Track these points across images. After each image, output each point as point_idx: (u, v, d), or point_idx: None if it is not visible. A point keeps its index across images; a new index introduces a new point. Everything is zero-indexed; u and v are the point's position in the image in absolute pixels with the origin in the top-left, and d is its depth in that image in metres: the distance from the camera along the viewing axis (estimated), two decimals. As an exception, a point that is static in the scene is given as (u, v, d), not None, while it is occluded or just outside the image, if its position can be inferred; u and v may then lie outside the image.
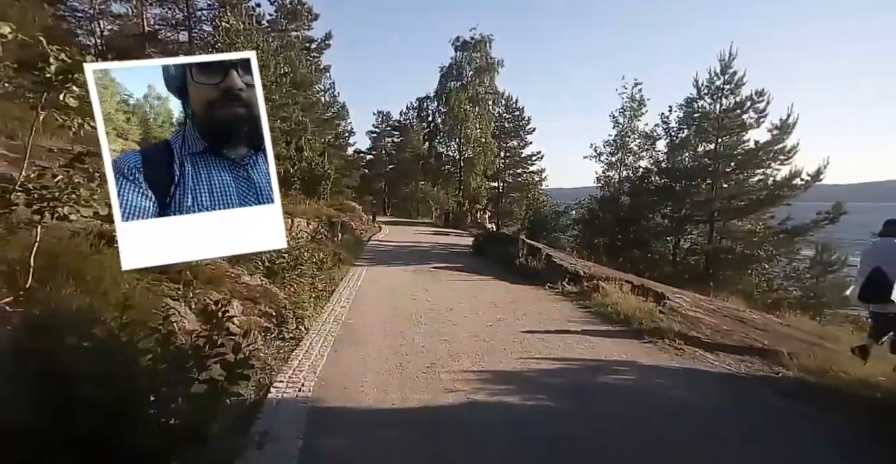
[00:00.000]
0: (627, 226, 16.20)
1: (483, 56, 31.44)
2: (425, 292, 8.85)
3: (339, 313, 6.96)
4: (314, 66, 21.78)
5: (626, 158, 17.96)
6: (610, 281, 9.10)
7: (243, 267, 6.75)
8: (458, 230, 27.47)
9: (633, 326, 6.60)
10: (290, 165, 14.16)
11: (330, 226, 13.42)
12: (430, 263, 13.11)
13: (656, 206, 16.09)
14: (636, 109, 17.94)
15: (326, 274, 9.97)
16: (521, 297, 8.71)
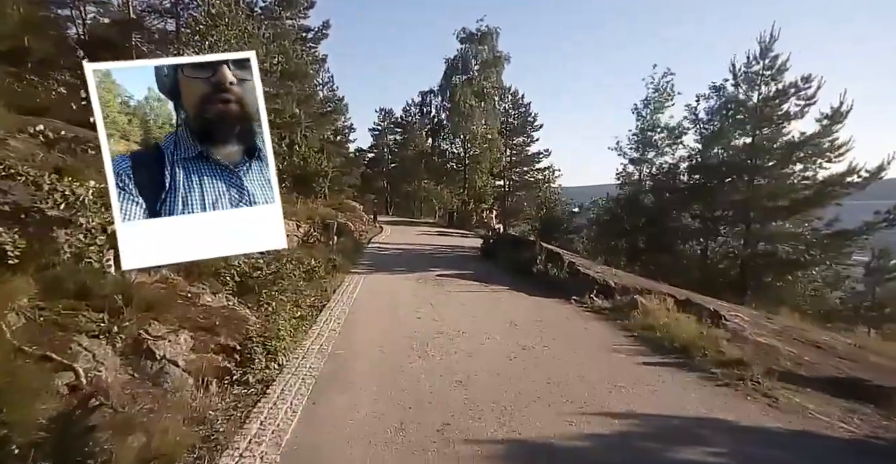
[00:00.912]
0: (652, 227, 14.76)
1: (490, 49, 29.98)
2: (431, 308, 7.51)
3: (326, 340, 5.62)
4: (310, 57, 20.43)
5: (648, 154, 16.55)
6: (648, 294, 7.75)
7: (207, 283, 5.42)
8: (463, 230, 26.13)
9: (695, 358, 5.23)
10: (281, 162, 12.86)
11: (324, 228, 12.11)
12: (435, 269, 11.76)
13: (684, 205, 14.64)
14: (663, 101, 16.49)
15: (317, 285, 8.66)
16: (546, 315, 7.35)
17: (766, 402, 4.19)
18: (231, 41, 12.42)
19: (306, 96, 20.17)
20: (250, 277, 6.07)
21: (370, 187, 42.48)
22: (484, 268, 12.27)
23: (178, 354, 4.03)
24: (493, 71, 30.27)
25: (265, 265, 6.21)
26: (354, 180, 35.48)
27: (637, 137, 16.71)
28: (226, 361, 4.33)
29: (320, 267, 9.43)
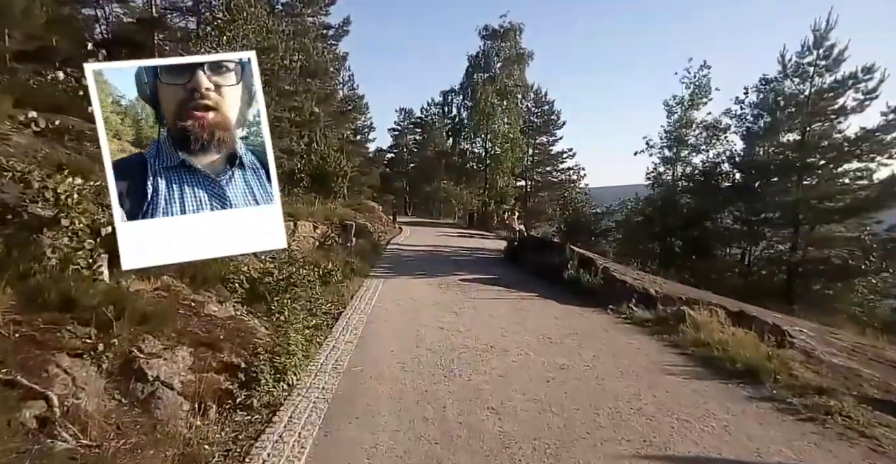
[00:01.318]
0: (689, 230, 13.84)
1: (513, 46, 29.26)
2: (455, 318, 6.92)
3: (341, 354, 5.09)
4: (331, 55, 20.10)
5: (682, 152, 15.58)
6: (695, 305, 7.01)
7: (213, 291, 4.95)
8: (484, 232, 25.47)
9: (765, 383, 4.51)
10: (299, 160, 12.49)
11: (343, 230, 11.67)
12: (458, 273, 11.18)
13: (725, 207, 13.67)
14: (699, 97, 15.51)
15: (334, 290, 8.18)
16: (582, 326, 6.68)
17: (867, 444, 3.46)
18: (249, 36, 12.10)
19: (326, 95, 19.85)
20: (261, 283, 5.59)
21: (389, 188, 42.22)
22: (509, 272, 11.62)
23: (174, 374, 3.54)
24: (515, 68, 29.57)
25: (277, 270, 5.72)
26: (374, 181, 35.20)
27: (670, 134, 15.80)
28: (228, 381, 3.83)
29: (337, 271, 8.96)
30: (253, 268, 5.69)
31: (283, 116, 13.59)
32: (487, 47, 29.72)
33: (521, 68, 29.96)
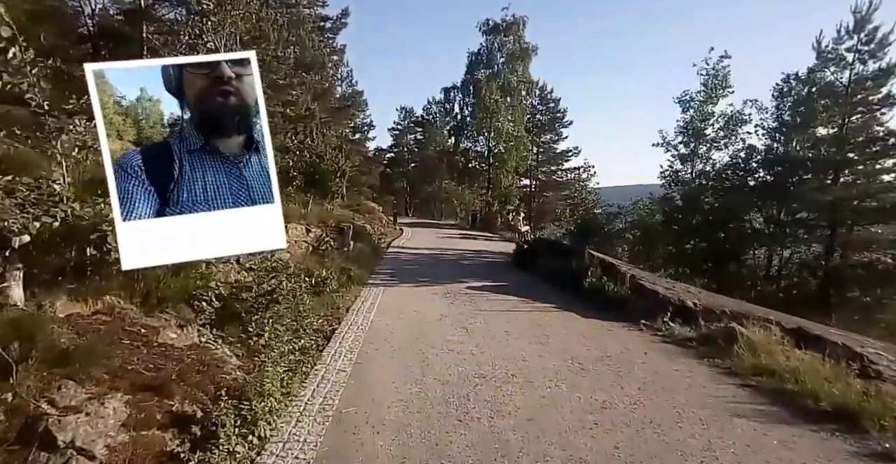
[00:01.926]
0: (713, 232, 12.86)
1: (516, 40, 28.32)
2: (466, 336, 5.98)
3: (331, 389, 4.15)
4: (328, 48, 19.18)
5: (699, 149, 14.60)
6: (743, 320, 6.08)
7: (173, 312, 4.00)
8: (488, 233, 24.54)
9: (868, 431, 3.57)
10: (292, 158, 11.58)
11: (339, 233, 10.74)
12: (465, 279, 10.24)
13: (752, 207, 12.68)
14: (718, 90, 14.53)
15: (328, 301, 7.27)
16: (614, 347, 5.73)
17: None
18: (238, 23, 11.14)
19: (324, 90, 18.91)
20: (237, 299, 4.64)
21: (390, 188, 41.27)
22: (520, 279, 10.68)
23: (99, 435, 2.61)
24: (519, 64, 28.62)
25: (256, 284, 4.78)
26: (374, 181, 34.26)
27: (686, 129, 14.84)
28: (177, 439, 2.89)
29: (332, 279, 8.02)
30: (226, 281, 4.75)
31: (276, 110, 12.65)
32: (489, 42, 28.80)
33: (526, 64, 29.01)
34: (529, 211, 31.51)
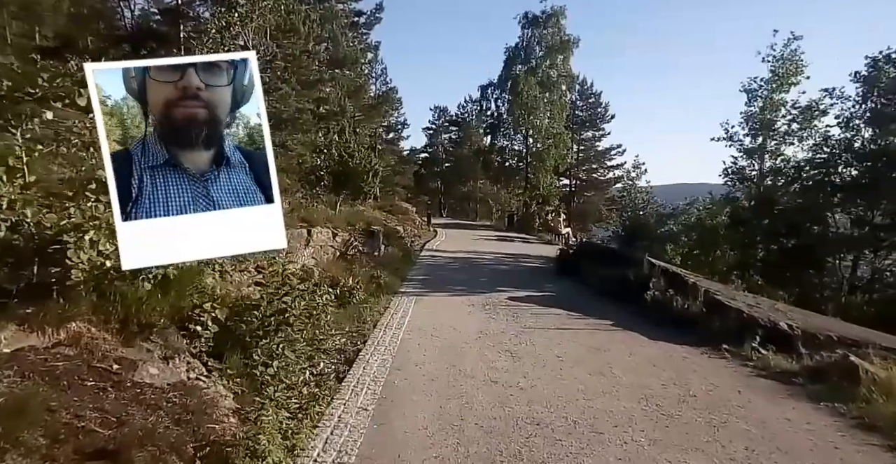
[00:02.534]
0: (787, 236, 11.24)
1: (556, 32, 26.96)
2: (511, 363, 5.05)
3: (346, 440, 3.32)
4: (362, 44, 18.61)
5: (769, 143, 12.93)
6: (859, 348, 4.87)
7: (159, 340, 3.28)
8: (525, 235, 23.42)
9: None
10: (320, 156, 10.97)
11: (369, 236, 10.02)
12: (504, 288, 9.29)
13: (837, 207, 10.98)
14: (790, 76, 12.84)
15: (354, 313, 6.53)
16: (697, 382, 4.64)
17: None
18: (267, 15, 10.63)
19: (357, 87, 18.36)
20: (242, 320, 3.90)
21: (424, 188, 40.67)
22: (567, 288, 9.62)
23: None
24: (559, 57, 27.25)
25: (266, 301, 4.02)
26: (407, 181, 33.69)
27: (753, 122, 13.23)
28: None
29: (358, 289, 7.27)
30: (227, 299, 4.02)
31: (306, 107, 12.10)
32: (528, 36, 27.58)
33: (566, 57, 27.60)
34: (569, 212, 30.06)
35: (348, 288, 7.30)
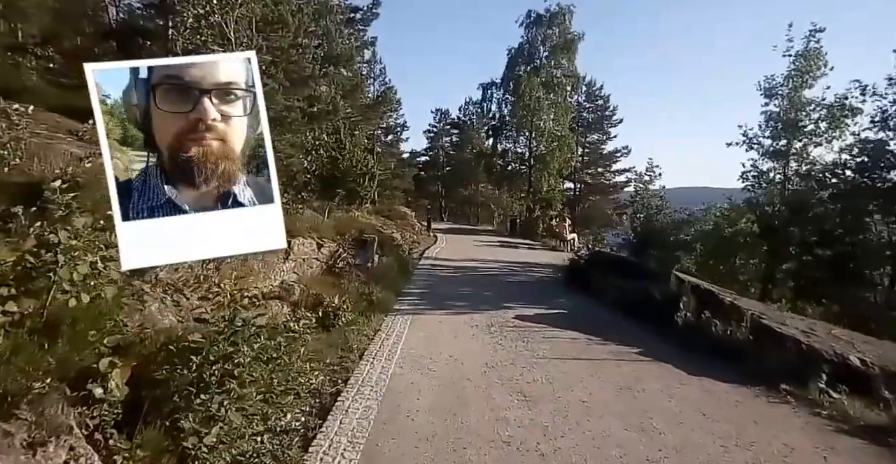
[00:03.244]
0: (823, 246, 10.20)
1: (561, 32, 26.05)
2: (525, 409, 4.07)
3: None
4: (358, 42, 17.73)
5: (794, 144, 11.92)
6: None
7: (28, 415, 2.29)
8: (529, 241, 22.43)
9: None
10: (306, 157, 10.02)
11: (361, 246, 9.05)
12: (510, 304, 8.32)
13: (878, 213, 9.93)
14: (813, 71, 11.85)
15: (339, 339, 5.59)
16: (764, 441, 3.64)
17: None
18: (251, 3, 9.72)
19: (353, 86, 17.44)
20: (172, 370, 2.92)
21: (424, 192, 39.71)
22: (580, 304, 8.63)
23: None
24: (564, 56, 26.31)
25: (208, 341, 3.05)
26: (407, 184, 32.75)
27: (775, 123, 12.24)
28: None
29: (345, 309, 6.31)
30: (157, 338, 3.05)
31: (295, 105, 11.17)
32: (532, 35, 26.64)
33: (571, 56, 26.64)
34: (574, 217, 29.08)
35: (333, 308, 6.34)
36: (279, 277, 6.63)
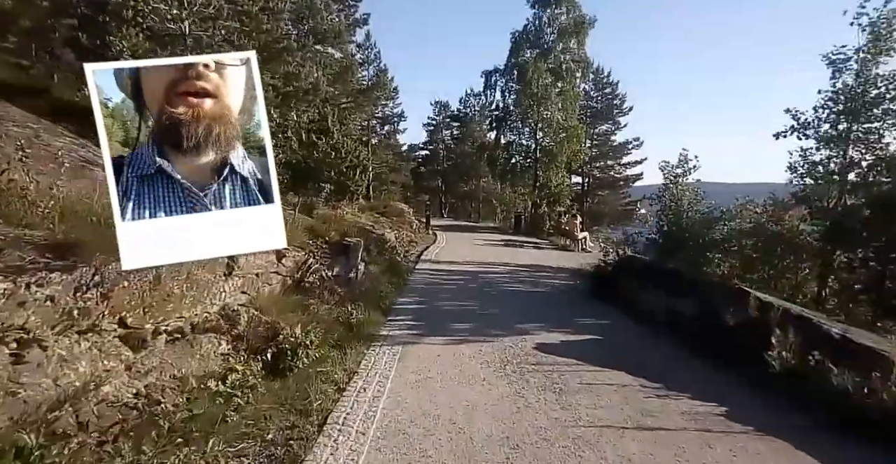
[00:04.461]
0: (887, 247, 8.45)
1: (569, 13, 24.14)
2: None
3: None
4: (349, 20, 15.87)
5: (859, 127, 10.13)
6: None
7: None
8: (535, 239, 20.70)
9: None
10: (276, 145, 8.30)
11: (342, 252, 7.27)
12: (526, 325, 6.60)
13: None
14: (889, 40, 10.03)
15: (296, 390, 3.86)
16: None
17: None
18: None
19: (343, 68, 15.59)
20: None
21: (423, 187, 37.89)
22: (615, 326, 6.88)
23: None
24: (573, 40, 24.42)
25: None
26: (405, 178, 30.90)
27: (838, 102, 10.39)
28: None
29: (310, 343, 4.58)
30: None
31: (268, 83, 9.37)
32: (538, 17, 24.72)
33: (581, 40, 24.73)
34: (583, 213, 27.30)
35: (291, 344, 4.59)
36: (220, 300, 4.87)
